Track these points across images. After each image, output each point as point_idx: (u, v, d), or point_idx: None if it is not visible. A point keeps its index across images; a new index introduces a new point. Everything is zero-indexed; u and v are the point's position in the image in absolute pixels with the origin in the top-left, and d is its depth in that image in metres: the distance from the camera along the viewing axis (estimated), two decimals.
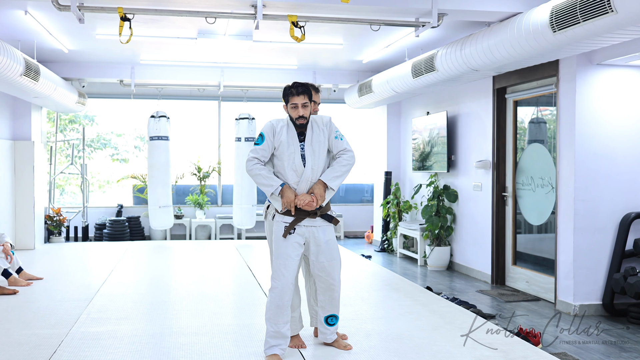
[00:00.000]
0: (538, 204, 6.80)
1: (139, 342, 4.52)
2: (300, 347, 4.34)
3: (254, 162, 4.09)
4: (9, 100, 9.20)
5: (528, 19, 5.22)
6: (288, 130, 4.14)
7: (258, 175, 4.06)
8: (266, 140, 4.11)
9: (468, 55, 6.21)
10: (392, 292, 6.42)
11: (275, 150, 4.14)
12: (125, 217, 11.30)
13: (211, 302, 5.80)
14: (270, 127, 4.14)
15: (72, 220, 11.21)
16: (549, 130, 6.80)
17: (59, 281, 6.89)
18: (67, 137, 12.53)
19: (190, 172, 11.71)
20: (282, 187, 4.04)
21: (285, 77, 10.28)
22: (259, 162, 4.09)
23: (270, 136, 4.12)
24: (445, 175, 8.76)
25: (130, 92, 10.70)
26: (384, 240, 10.35)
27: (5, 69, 6.35)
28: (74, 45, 8.40)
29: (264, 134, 4.12)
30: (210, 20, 5.92)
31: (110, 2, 5.49)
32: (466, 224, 8.21)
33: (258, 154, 4.10)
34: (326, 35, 7.78)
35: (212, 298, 6.01)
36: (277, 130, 4.13)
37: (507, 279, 7.40)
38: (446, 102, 8.75)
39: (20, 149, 9.32)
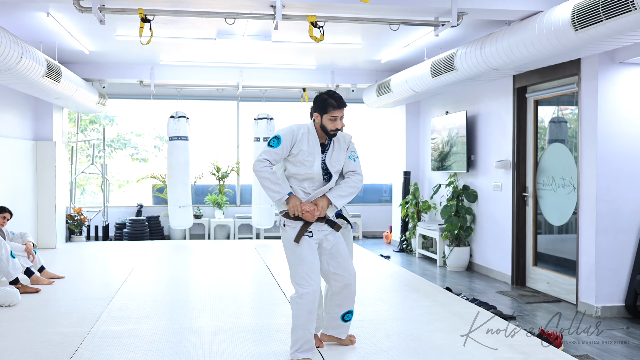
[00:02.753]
0: (559, 204, 6.74)
1: (159, 341, 4.55)
2: (318, 346, 4.35)
3: (265, 164, 3.95)
4: (31, 101, 9.30)
5: (549, 17, 5.17)
6: (309, 138, 4.05)
7: (266, 179, 3.95)
8: (282, 144, 3.98)
9: (488, 54, 6.17)
10: (411, 292, 6.39)
11: (291, 156, 4.04)
12: (145, 216, 11.37)
13: (230, 302, 5.82)
14: (291, 133, 4.02)
15: (92, 220, 11.30)
16: (570, 129, 6.74)
17: (80, 280, 6.95)
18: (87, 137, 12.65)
19: (209, 172, 11.76)
20: (288, 196, 3.98)
21: (304, 77, 10.29)
22: (269, 164, 3.96)
23: (288, 142, 4.00)
24: (465, 175, 8.72)
25: (150, 93, 10.76)
26: (403, 240, 10.32)
27: (27, 70, 6.42)
28: (94, 47, 8.47)
29: (280, 138, 3.99)
30: (230, 21, 5.93)
31: (131, 4, 5.53)
32: (486, 224, 8.16)
33: (270, 157, 3.97)
34: (345, 35, 7.77)
35: (231, 298, 6.03)
36: (298, 138, 4.01)
37: (528, 280, 7.34)
38: (465, 102, 8.70)
39: (42, 149, 9.42)
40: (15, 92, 8.53)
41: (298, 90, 10.67)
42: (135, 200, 12.08)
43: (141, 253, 8.99)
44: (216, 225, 11.42)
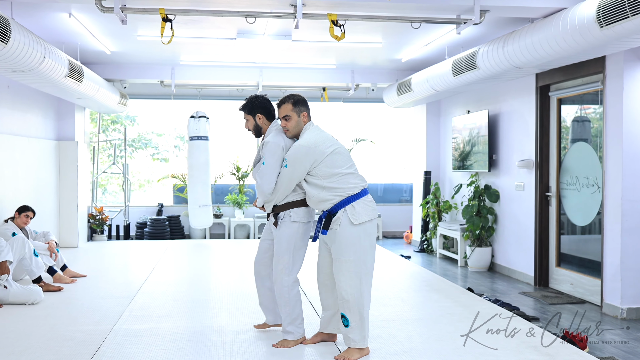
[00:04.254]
0: (583, 204, 6.65)
1: (180, 340, 4.55)
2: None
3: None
4: (53, 102, 9.38)
5: (573, 14, 5.10)
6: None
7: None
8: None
9: (511, 52, 6.10)
10: (433, 293, 6.35)
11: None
12: (166, 216, 11.42)
13: (251, 301, 5.80)
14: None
15: (114, 219, 11.38)
16: (593, 128, 6.65)
17: (102, 279, 6.99)
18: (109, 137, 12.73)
19: (229, 172, 11.79)
20: None
21: (324, 76, 10.28)
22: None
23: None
24: (486, 174, 8.64)
25: (171, 93, 10.81)
26: (423, 240, 10.25)
27: (50, 70, 6.47)
28: (116, 47, 8.52)
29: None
30: (250, 20, 5.92)
31: (152, 3, 5.54)
32: (508, 225, 8.08)
33: None
34: (365, 34, 7.74)
35: (251, 297, 6.01)
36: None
37: (551, 281, 7.25)
38: (487, 101, 8.63)
39: (64, 149, 9.50)
40: (38, 93, 8.61)
41: (318, 89, 10.65)
42: (155, 200, 12.15)
43: (162, 252, 9.03)
44: (236, 224, 11.44)
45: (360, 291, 4.07)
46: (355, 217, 4.08)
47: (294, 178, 4.20)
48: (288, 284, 4.32)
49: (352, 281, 4.05)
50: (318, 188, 4.15)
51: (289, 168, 4.17)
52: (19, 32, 5.47)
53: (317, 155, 4.12)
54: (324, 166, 4.12)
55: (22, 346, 4.36)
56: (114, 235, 11.32)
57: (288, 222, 4.30)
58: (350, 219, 4.07)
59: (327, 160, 4.13)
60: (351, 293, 4.05)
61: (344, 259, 4.07)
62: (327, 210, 4.16)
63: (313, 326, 4.71)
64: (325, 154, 4.14)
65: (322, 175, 4.13)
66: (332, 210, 4.13)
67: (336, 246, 4.10)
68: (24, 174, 8.00)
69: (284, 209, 4.31)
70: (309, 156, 4.12)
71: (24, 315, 5.23)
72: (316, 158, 4.12)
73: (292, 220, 4.30)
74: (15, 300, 5.57)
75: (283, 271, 4.31)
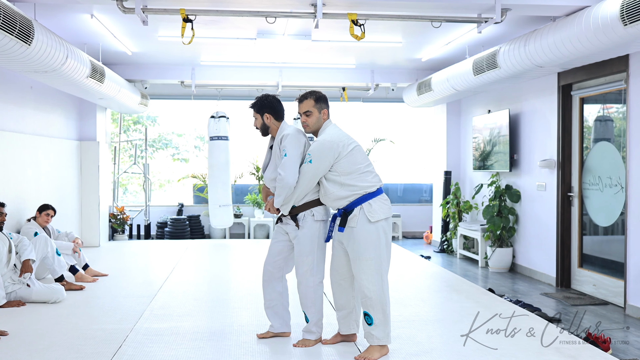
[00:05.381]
0: (606, 204, 6.57)
1: (200, 339, 4.57)
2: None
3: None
4: (75, 102, 9.47)
5: (596, 12, 5.04)
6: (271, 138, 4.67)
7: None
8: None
9: (532, 51, 6.05)
10: (453, 293, 6.31)
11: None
12: (186, 215, 11.49)
13: None
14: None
15: (134, 219, 11.46)
16: (616, 128, 6.57)
17: (123, 278, 7.04)
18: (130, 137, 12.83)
19: (249, 172, 11.82)
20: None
21: (344, 76, 10.26)
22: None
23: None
24: (507, 174, 8.57)
25: (191, 93, 10.87)
26: (444, 240, 10.20)
27: (72, 71, 6.53)
28: (137, 48, 8.58)
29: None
30: (270, 20, 5.93)
31: (173, 4, 5.57)
32: (529, 225, 8.01)
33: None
34: (385, 33, 7.71)
35: None
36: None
37: (573, 282, 7.18)
38: (508, 100, 8.56)
39: (86, 149, 9.59)
40: (61, 93, 8.70)
41: (337, 89, 10.63)
42: (176, 200, 12.21)
43: (182, 252, 9.08)
44: (256, 224, 11.47)
45: (382, 288, 4.09)
46: (372, 214, 4.10)
47: (318, 174, 4.18)
48: (314, 284, 4.32)
49: (373, 278, 4.07)
50: (337, 185, 4.15)
51: (313, 163, 4.14)
52: (41, 33, 5.53)
53: (340, 149, 4.14)
54: (345, 162, 4.14)
55: (45, 344, 4.40)
56: (134, 235, 11.41)
57: (311, 222, 4.28)
58: (368, 216, 4.09)
59: (348, 156, 4.15)
60: (374, 290, 4.06)
61: (364, 257, 4.08)
62: (342, 208, 4.17)
63: (333, 326, 4.70)
64: (348, 150, 4.16)
65: (342, 172, 4.13)
66: (348, 208, 4.14)
67: (354, 245, 4.11)
68: (46, 173, 8.09)
69: (304, 208, 4.29)
70: (333, 151, 4.13)
71: (47, 314, 5.29)
72: (340, 152, 4.14)
73: (315, 219, 4.29)
74: (38, 298, 5.63)
75: (308, 272, 4.30)
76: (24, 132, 7.36)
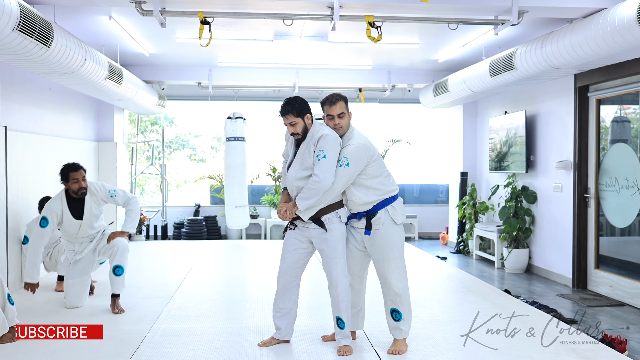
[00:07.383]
0: (623, 205, 6.54)
1: (217, 340, 4.61)
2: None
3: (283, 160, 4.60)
4: (93, 103, 9.57)
5: (613, 14, 5.02)
6: (289, 138, 4.51)
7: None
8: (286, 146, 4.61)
9: (549, 53, 6.03)
10: (469, 294, 6.31)
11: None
12: (203, 216, 11.55)
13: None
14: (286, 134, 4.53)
15: (151, 219, 11.54)
16: (633, 129, 6.53)
17: (140, 279, 7.10)
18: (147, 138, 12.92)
19: (265, 173, 11.86)
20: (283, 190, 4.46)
21: (360, 77, 10.28)
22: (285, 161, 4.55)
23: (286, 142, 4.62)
24: (524, 175, 8.54)
25: (208, 94, 10.93)
26: (460, 241, 10.19)
27: (91, 72, 6.60)
28: (154, 49, 8.65)
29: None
30: (288, 22, 5.96)
31: (191, 7, 5.62)
32: (546, 226, 7.98)
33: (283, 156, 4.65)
34: (401, 35, 7.72)
35: None
36: (287, 137, 4.54)
37: (589, 283, 7.14)
38: (525, 101, 8.53)
39: (103, 150, 9.68)
40: (79, 95, 8.79)
41: (354, 90, 10.65)
42: (193, 201, 12.28)
43: (199, 252, 9.13)
44: (272, 225, 11.51)
45: (407, 285, 4.30)
46: (397, 217, 4.24)
47: (353, 177, 4.20)
48: (347, 286, 4.29)
49: (401, 276, 4.25)
50: (363, 188, 4.22)
51: (350, 167, 4.13)
52: (61, 35, 5.59)
53: (372, 153, 4.23)
54: (374, 166, 4.23)
55: (63, 344, 4.46)
56: (151, 235, 11.48)
57: (337, 223, 4.27)
58: (393, 218, 4.22)
59: (377, 160, 4.25)
60: (402, 288, 4.24)
61: (391, 257, 4.22)
62: (364, 211, 4.23)
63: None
64: (377, 154, 4.27)
65: (371, 175, 4.21)
66: (371, 211, 4.22)
67: (381, 246, 4.22)
68: None
69: (328, 211, 4.23)
70: (368, 154, 4.20)
71: (65, 315, 5.35)
72: (372, 156, 4.21)
73: (341, 221, 4.30)
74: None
75: (342, 274, 4.27)
76: (42, 133, 7.44)
